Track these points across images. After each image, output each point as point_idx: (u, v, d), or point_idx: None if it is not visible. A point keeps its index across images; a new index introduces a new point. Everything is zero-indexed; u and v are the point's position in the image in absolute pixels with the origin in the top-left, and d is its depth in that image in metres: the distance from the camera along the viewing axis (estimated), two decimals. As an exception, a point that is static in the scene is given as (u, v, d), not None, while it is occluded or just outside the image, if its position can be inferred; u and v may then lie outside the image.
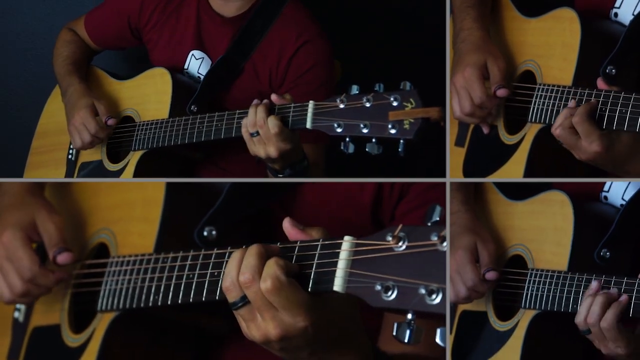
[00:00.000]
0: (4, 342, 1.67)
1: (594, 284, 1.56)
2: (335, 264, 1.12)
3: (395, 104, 1.50)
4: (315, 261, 1.16)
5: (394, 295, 1.05)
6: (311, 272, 1.16)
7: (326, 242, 1.16)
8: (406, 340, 1.07)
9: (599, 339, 1.53)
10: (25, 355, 1.63)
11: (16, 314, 1.66)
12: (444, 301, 1.02)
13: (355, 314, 1.22)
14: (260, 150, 1.69)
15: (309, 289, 1.15)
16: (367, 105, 1.53)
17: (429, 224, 1.07)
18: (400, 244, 1.07)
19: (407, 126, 1.48)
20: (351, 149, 1.56)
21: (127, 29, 2.17)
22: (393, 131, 1.49)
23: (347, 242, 1.13)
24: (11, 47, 2.60)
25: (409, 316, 1.06)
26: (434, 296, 1.02)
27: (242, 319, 1.18)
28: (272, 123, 1.65)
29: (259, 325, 1.17)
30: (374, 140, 1.53)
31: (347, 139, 1.55)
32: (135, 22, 2.15)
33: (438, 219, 1.07)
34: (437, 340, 1.04)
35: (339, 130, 1.56)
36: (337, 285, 1.11)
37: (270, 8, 2.02)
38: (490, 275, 1.73)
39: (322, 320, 1.17)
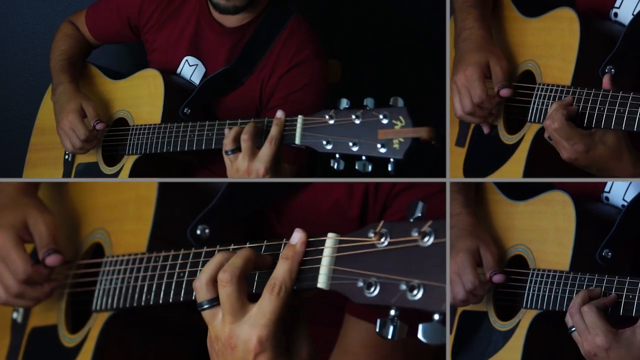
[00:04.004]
0: (3, 342, 1.67)
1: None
2: (319, 261, 1.13)
3: (384, 121, 1.48)
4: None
5: (376, 292, 1.06)
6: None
7: (310, 240, 1.16)
8: (390, 337, 1.07)
9: (580, 330, 1.54)
10: (24, 355, 1.63)
11: (14, 315, 1.67)
12: (426, 297, 1.02)
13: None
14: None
15: (294, 287, 1.15)
16: (357, 122, 1.52)
17: (411, 220, 1.07)
18: (382, 240, 1.07)
19: (396, 146, 1.47)
20: (342, 166, 1.55)
21: (127, 27, 2.17)
22: (383, 150, 1.48)
23: (330, 239, 1.14)
24: (11, 47, 2.61)
25: (392, 312, 1.06)
26: (415, 292, 1.02)
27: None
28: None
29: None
30: (364, 158, 1.52)
31: (337, 156, 1.55)
32: (135, 21, 2.14)
33: (420, 215, 1.07)
34: (419, 336, 1.03)
35: (328, 147, 1.55)
36: (321, 282, 1.12)
37: (276, 22, 2.01)
38: (497, 278, 1.73)
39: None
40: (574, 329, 1.56)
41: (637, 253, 1.66)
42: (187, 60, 2.06)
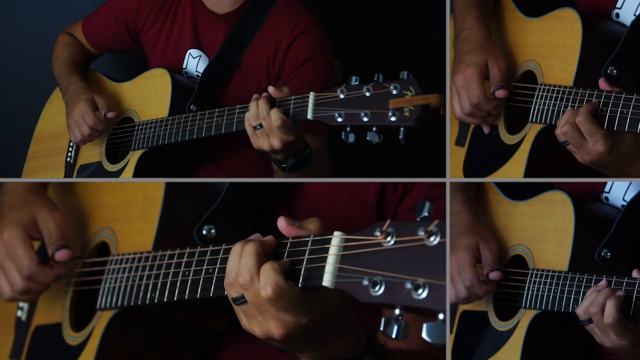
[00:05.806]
0: (7, 340, 1.67)
1: (603, 282, 1.56)
2: (324, 259, 1.13)
3: (395, 92, 1.51)
4: (306, 257, 1.16)
5: (381, 291, 1.05)
6: (301, 268, 1.16)
7: (317, 238, 1.16)
8: (394, 336, 1.07)
9: (602, 329, 1.53)
10: (28, 353, 1.63)
11: (19, 313, 1.67)
12: (432, 296, 1.01)
13: (349, 301, 1.22)
14: (264, 142, 1.70)
15: (299, 285, 1.15)
16: (367, 94, 1.54)
17: (418, 219, 1.07)
18: (388, 239, 1.07)
19: (407, 113, 1.49)
20: (352, 138, 1.57)
21: (124, 31, 2.18)
22: (393, 119, 1.50)
23: (336, 238, 1.13)
24: (11, 47, 2.60)
25: (397, 311, 1.06)
26: (420, 291, 1.02)
27: (244, 314, 1.20)
28: (275, 115, 1.65)
29: (260, 323, 1.18)
30: (374, 128, 1.54)
31: (348, 129, 1.57)
32: (132, 24, 2.16)
33: (427, 214, 1.07)
34: (424, 335, 1.03)
35: (339, 119, 1.57)
36: (326, 280, 1.12)
37: (263, 3, 2.03)
38: (494, 275, 1.73)
39: (322, 312, 1.17)
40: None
41: (636, 253, 1.67)
42: (190, 53, 2.08)
